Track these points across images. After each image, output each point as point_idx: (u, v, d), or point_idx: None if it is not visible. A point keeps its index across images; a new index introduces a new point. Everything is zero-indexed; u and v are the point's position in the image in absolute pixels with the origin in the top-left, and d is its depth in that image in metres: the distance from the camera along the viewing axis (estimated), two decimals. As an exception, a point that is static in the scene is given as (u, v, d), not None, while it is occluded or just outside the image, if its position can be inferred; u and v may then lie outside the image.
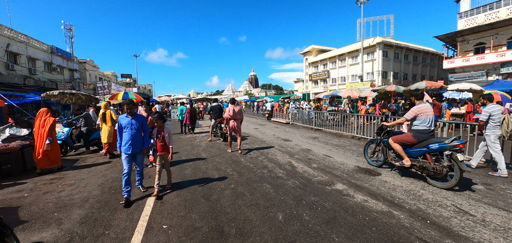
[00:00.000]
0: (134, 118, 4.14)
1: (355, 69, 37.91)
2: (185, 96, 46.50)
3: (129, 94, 15.37)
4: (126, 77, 50.83)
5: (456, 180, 4.11)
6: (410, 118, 4.72)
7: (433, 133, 4.61)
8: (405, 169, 4.79)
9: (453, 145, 4.15)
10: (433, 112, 4.65)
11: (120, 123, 4.12)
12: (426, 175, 4.52)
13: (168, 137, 4.40)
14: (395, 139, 4.89)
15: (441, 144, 4.29)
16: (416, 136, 4.60)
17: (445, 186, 4.24)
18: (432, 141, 4.46)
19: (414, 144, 4.67)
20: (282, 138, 9.87)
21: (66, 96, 11.01)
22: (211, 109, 10.92)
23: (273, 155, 7.00)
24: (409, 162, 4.64)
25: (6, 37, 22.01)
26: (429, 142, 4.48)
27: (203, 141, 9.75)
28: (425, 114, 4.56)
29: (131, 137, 4.04)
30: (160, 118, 4.38)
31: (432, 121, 4.56)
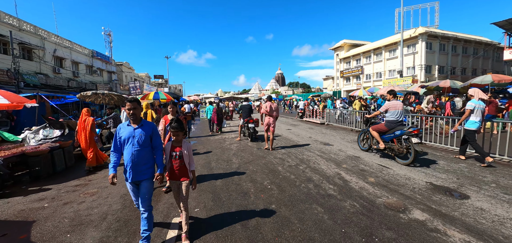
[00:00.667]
0: (140, 127, 2.74)
1: (393, 64, 34.62)
2: (213, 95, 46.95)
3: (159, 94, 15.33)
4: (159, 78, 52.98)
5: (412, 158, 5.39)
6: (383, 111, 6.08)
7: (401, 123, 5.90)
8: (381, 151, 6.38)
9: (410, 131, 5.44)
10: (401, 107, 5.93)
11: (118, 134, 2.78)
12: (394, 154, 5.89)
13: (188, 155, 2.93)
14: (374, 128, 6.31)
15: (402, 131, 5.62)
16: (387, 125, 5.99)
17: (406, 163, 5.54)
18: (398, 129, 5.77)
19: (387, 131, 6.04)
20: (320, 141, 8.70)
21: (100, 97, 11.08)
22: (241, 109, 10.23)
23: (315, 163, 5.92)
24: (383, 145, 6.04)
25: (53, 43, 23.81)
26: (396, 130, 5.80)
27: (233, 143, 8.98)
28: (394, 108, 5.90)
29: (131, 156, 2.65)
30: (180, 129, 2.90)
31: (401, 114, 5.90)
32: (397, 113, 5.88)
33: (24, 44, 20.41)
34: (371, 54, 37.41)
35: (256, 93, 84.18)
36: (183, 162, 2.91)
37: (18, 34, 20.26)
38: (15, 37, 19.71)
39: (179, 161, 2.90)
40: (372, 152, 6.88)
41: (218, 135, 11.39)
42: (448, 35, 32.32)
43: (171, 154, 2.93)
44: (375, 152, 6.82)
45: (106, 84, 30.85)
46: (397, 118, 5.86)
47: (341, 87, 43.68)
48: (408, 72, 32.69)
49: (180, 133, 2.90)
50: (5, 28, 18.99)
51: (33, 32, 21.76)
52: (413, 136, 5.39)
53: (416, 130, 5.42)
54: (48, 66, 22.74)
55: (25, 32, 20.91)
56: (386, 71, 35.53)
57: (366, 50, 38.29)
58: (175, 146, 2.94)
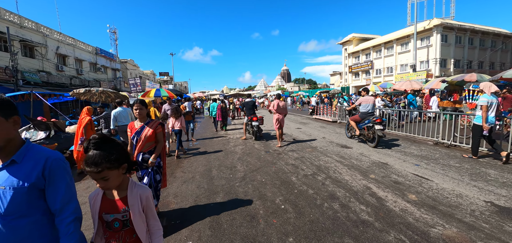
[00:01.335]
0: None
1: (405, 58, 32.97)
2: (218, 92, 46.16)
3: (161, 91, 14.53)
4: (164, 75, 52.48)
5: (376, 141, 6.75)
6: (357, 104, 7.52)
7: (372, 114, 7.16)
8: (357, 136, 7.61)
9: (373, 120, 6.85)
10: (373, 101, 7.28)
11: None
12: (366, 139, 7.23)
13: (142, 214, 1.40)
14: (351, 118, 7.68)
15: (369, 120, 7.01)
16: (361, 115, 7.30)
17: (372, 145, 6.86)
18: (367, 118, 7.08)
19: (360, 121, 7.33)
20: (336, 143, 7.67)
21: (96, 95, 10.30)
22: (244, 105, 9.33)
23: (336, 172, 4.92)
24: (358, 132, 7.39)
25: (56, 41, 23.30)
26: (366, 119, 7.13)
27: (238, 144, 8.04)
28: (366, 102, 7.23)
29: None
30: (110, 163, 1.27)
31: (371, 107, 7.17)
32: (368, 106, 7.22)
33: (25, 42, 19.90)
34: (382, 48, 35.78)
35: (262, 89, 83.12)
36: (131, 235, 1.37)
37: (20, 31, 19.74)
38: (16, 35, 19.22)
39: (123, 232, 1.36)
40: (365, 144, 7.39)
41: (223, 133, 10.50)
42: (464, 27, 30.46)
43: (102, 217, 1.35)
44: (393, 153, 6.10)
45: (110, 82, 30.36)
46: (368, 110, 7.21)
47: (349, 83, 42.18)
48: (422, 67, 31.05)
49: (111, 172, 1.27)
50: (5, 25, 18.51)
51: (35, 30, 21.23)
52: (376, 124, 6.77)
53: (379, 118, 6.84)
54: (50, 63, 22.25)
55: (27, 29, 20.39)
56: (398, 66, 33.91)
57: (376, 44, 36.66)
58: (110, 202, 1.35)
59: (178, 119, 6.93)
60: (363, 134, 7.29)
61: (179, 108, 7.28)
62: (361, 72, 39.71)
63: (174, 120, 7.00)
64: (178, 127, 6.92)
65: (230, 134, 10.44)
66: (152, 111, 7.42)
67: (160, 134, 3.22)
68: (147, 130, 3.14)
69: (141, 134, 3.12)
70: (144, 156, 3.14)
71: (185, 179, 4.84)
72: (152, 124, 3.21)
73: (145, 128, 3.15)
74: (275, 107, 7.45)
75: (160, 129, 3.23)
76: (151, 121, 3.23)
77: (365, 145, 7.24)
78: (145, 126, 3.15)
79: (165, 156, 3.58)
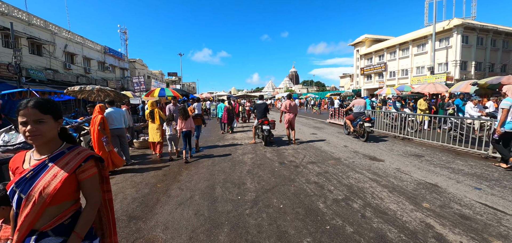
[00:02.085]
0: None
1: (421, 60, 31.17)
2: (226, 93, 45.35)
3: (166, 90, 13.68)
4: (172, 75, 52.17)
5: (366, 137, 7.89)
6: (351, 106, 8.71)
7: (363, 113, 8.37)
8: (350, 132, 8.95)
9: (363, 119, 7.99)
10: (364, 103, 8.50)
11: None
12: (358, 135, 8.39)
13: None
14: (347, 117, 8.97)
15: (360, 119, 8.18)
16: (354, 115, 8.50)
17: (363, 140, 7.96)
18: (359, 117, 8.27)
19: (354, 119, 8.51)
20: (362, 153, 6.49)
21: (94, 93, 9.46)
22: (255, 107, 8.27)
23: (375, 197, 3.76)
24: (352, 129, 8.59)
25: (64, 39, 22.97)
26: (358, 118, 8.30)
27: (247, 151, 6.96)
28: (358, 104, 8.42)
29: None
30: None
31: (363, 107, 8.41)
32: (360, 107, 8.37)
33: (33, 39, 19.53)
34: (396, 49, 34.03)
35: (270, 91, 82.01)
36: None
37: (27, 28, 19.41)
38: (24, 32, 18.89)
39: None
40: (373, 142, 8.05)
41: (230, 137, 9.48)
42: (487, 28, 28.47)
43: None
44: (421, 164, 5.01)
45: (118, 81, 29.98)
46: (360, 110, 8.36)
47: (361, 85, 40.48)
48: (440, 69, 29.21)
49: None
50: (14, 22, 18.17)
51: (43, 27, 20.91)
52: (365, 122, 7.85)
53: (367, 117, 7.96)
54: (58, 61, 21.90)
55: (35, 26, 20.05)
56: (414, 68, 32.11)
57: (390, 45, 34.93)
58: None
59: (187, 120, 6.20)
60: (356, 130, 8.45)
61: (186, 109, 6.38)
62: (374, 75, 37.96)
63: (182, 122, 6.19)
64: (187, 128, 6.18)
65: (238, 137, 9.39)
66: (155, 113, 6.85)
67: (91, 180, 1.33)
68: (49, 176, 1.22)
69: (34, 185, 1.20)
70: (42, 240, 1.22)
71: (181, 200, 3.81)
72: (71, 156, 1.30)
73: (46, 170, 1.24)
74: (287, 107, 7.84)
75: (92, 168, 1.34)
76: (70, 150, 1.32)
77: (401, 159, 6.03)
78: (49, 165, 1.25)
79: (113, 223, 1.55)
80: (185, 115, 6.18)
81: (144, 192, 4.17)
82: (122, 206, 3.66)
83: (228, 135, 10.12)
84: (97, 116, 5.26)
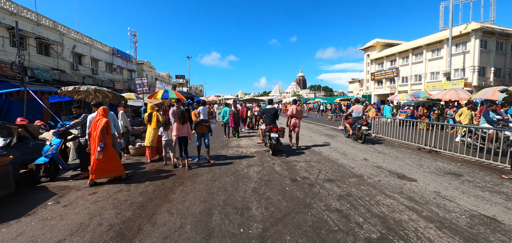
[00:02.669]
0: None
1: (436, 65, 29.70)
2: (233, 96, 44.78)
3: (169, 92, 13.01)
4: (180, 78, 52.04)
5: (363, 139, 8.64)
6: (350, 111, 9.42)
7: (361, 118, 9.00)
8: (350, 135, 9.60)
9: (360, 123, 8.72)
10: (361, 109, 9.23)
11: None
12: (356, 138, 9.05)
13: None
14: (347, 121, 9.76)
15: (357, 123, 8.88)
16: (353, 119, 9.20)
17: (361, 142, 8.73)
18: (357, 122, 8.94)
19: (353, 123, 9.20)
20: (387, 169, 5.51)
21: (91, 94, 8.84)
22: (264, 112, 7.45)
23: (421, 237, 2.81)
24: (351, 132, 9.35)
25: (72, 39, 22.85)
26: (356, 122, 8.97)
27: (253, 163, 6.08)
28: (357, 109, 9.16)
29: None
30: None
31: (360, 112, 9.09)
32: (358, 113, 9.13)
33: (41, 39, 19.39)
34: (409, 54, 32.61)
35: (277, 95, 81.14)
36: None
37: (36, 28, 19.29)
38: (32, 32, 18.75)
39: None
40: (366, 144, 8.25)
41: (235, 144, 8.66)
42: (507, 32, 26.83)
43: None
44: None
45: (125, 83, 29.77)
46: (358, 115, 9.11)
47: (371, 90, 39.08)
48: (456, 75, 27.69)
49: None
50: (23, 21, 18.04)
51: (52, 28, 20.80)
52: (363, 126, 8.72)
53: (364, 121, 8.88)
54: (66, 62, 21.74)
55: (44, 27, 19.93)
56: (428, 74, 30.62)
57: (403, 49, 33.55)
58: None
59: (184, 125, 5.53)
60: (355, 133, 9.11)
61: (184, 112, 5.64)
62: (385, 80, 36.52)
63: (179, 127, 5.50)
64: (183, 134, 5.55)
65: (243, 145, 8.55)
66: (153, 116, 6.50)
67: None
68: None
69: None
70: None
71: (167, 231, 2.97)
72: None
73: None
74: (294, 111, 8.02)
75: None
76: None
77: (437, 179, 5.02)
78: None
79: None
80: (182, 119, 5.48)
81: (126, 216, 3.36)
82: (93, 237, 2.86)
83: (233, 141, 9.30)
84: (101, 119, 4.72)
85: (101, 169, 4.68)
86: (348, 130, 9.77)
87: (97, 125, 4.67)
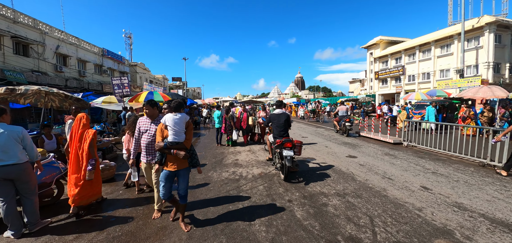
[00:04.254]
0: None
1: (446, 61, 27.59)
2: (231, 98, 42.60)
3: (154, 94, 10.81)
4: (177, 80, 49.82)
5: (346, 133, 10.46)
6: (337, 111, 11.24)
7: (346, 116, 10.79)
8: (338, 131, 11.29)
9: (344, 120, 10.56)
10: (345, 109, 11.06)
11: None
12: (342, 132, 10.81)
13: None
14: (334, 119, 11.59)
15: (342, 120, 10.70)
16: (339, 118, 10.95)
17: (345, 135, 10.39)
18: (343, 119, 10.71)
19: (339, 121, 10.97)
20: (482, 213, 3.33)
21: (43, 96, 6.64)
22: (271, 120, 5.19)
23: None
24: (338, 128, 11.15)
25: (56, 39, 20.60)
26: (342, 120, 10.73)
27: (258, 199, 3.87)
28: (342, 109, 10.95)
29: None
30: None
31: (345, 112, 10.93)
32: (343, 112, 10.93)
33: (18, 38, 17.14)
34: (416, 51, 30.49)
35: (275, 97, 79.02)
36: None
37: (12, 26, 17.02)
38: (7, 30, 16.50)
39: None
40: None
41: (230, 159, 6.43)
42: (523, 26, 24.76)
43: None
44: None
45: (117, 85, 27.50)
46: (343, 114, 10.88)
47: (375, 90, 36.91)
48: (469, 72, 25.59)
49: None
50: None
51: (32, 26, 18.52)
52: (346, 122, 10.47)
53: (348, 118, 10.65)
54: (48, 63, 19.49)
55: (21, 25, 17.66)
56: (437, 71, 28.50)
57: (409, 46, 31.42)
58: None
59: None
60: (341, 129, 10.89)
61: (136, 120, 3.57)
62: (390, 79, 34.33)
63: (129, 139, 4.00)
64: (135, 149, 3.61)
65: (242, 161, 6.33)
66: None
67: None
68: None
69: None
70: None
71: None
72: None
73: None
74: None
75: None
76: None
77: None
78: None
79: None
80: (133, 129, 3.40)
81: None
82: None
83: (229, 157, 7.04)
84: (89, 132, 3.58)
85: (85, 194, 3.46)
86: (335, 126, 11.54)
87: (85, 137, 3.54)
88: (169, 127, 2.92)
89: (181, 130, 2.95)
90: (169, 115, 2.96)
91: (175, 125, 2.91)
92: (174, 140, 2.89)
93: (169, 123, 2.92)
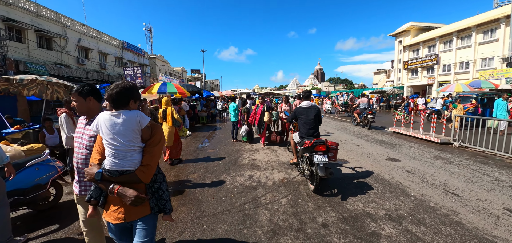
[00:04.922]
0: None
1: (489, 49, 24.29)
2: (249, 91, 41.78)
3: (168, 85, 10.21)
4: (195, 72, 49.92)
5: (368, 126, 10.33)
6: (358, 103, 11.38)
7: (367, 109, 10.69)
8: (358, 123, 11.23)
9: (366, 113, 10.48)
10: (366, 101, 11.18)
11: None
12: (363, 124, 10.79)
13: None
14: (355, 112, 11.49)
15: (364, 113, 10.58)
16: (360, 110, 10.94)
17: (367, 128, 10.39)
18: (364, 112, 10.67)
19: (360, 113, 10.92)
20: None
21: (46, 86, 6.16)
22: (297, 115, 4.13)
23: None
24: (359, 120, 11.07)
25: (77, 32, 20.93)
26: (363, 112, 10.69)
27: (280, 219, 2.97)
28: (363, 102, 11.03)
29: None
30: None
31: (366, 104, 10.94)
32: (364, 104, 10.97)
33: (42, 32, 17.50)
34: (453, 38, 27.22)
35: (294, 89, 76.95)
36: None
37: (35, 20, 17.39)
38: (31, 24, 16.87)
39: None
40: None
41: (247, 159, 5.56)
42: None
43: None
44: None
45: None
46: (364, 107, 10.89)
47: (404, 81, 33.94)
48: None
49: None
50: (21, 13, 16.19)
51: (54, 19, 18.86)
52: (368, 115, 10.37)
53: (370, 111, 10.50)
54: (70, 56, 19.88)
55: (44, 18, 17.99)
56: (478, 60, 25.26)
57: (445, 33, 28.15)
58: None
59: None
60: (362, 121, 10.84)
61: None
62: (421, 69, 31.19)
63: None
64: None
65: (260, 162, 5.42)
66: (168, 112, 5.54)
67: None
68: None
69: None
70: None
71: None
72: None
73: None
74: None
75: None
76: None
77: None
78: None
79: None
80: None
81: None
82: None
83: (245, 156, 6.15)
84: None
85: None
86: (355, 119, 11.41)
87: None
88: (105, 140, 1.49)
89: (129, 145, 1.47)
90: (105, 116, 1.50)
91: (116, 136, 1.46)
92: (114, 166, 1.47)
93: (103, 132, 1.49)
